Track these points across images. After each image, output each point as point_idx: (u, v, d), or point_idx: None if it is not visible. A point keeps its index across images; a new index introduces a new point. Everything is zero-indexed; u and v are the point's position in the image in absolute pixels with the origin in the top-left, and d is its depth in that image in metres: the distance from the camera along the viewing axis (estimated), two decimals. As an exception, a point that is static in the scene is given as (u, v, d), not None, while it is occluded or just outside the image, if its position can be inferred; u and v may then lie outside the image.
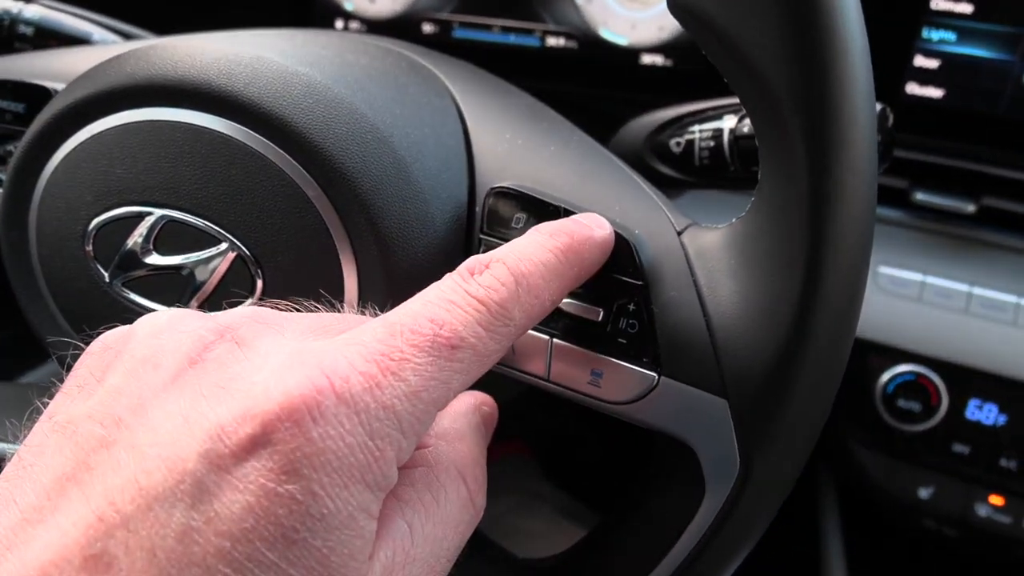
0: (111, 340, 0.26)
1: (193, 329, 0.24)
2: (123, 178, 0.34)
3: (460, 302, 0.26)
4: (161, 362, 0.23)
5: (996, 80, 0.55)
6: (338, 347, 0.23)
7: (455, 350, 0.24)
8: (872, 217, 0.29)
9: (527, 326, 0.28)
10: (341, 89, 0.33)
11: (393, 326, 0.24)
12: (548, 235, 0.30)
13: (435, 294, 0.26)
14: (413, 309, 0.25)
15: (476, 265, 0.27)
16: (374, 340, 0.23)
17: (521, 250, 0.28)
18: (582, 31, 0.65)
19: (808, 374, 0.29)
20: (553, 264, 0.29)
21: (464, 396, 0.31)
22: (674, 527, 0.33)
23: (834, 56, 0.26)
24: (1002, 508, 0.62)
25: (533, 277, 0.28)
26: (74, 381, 0.25)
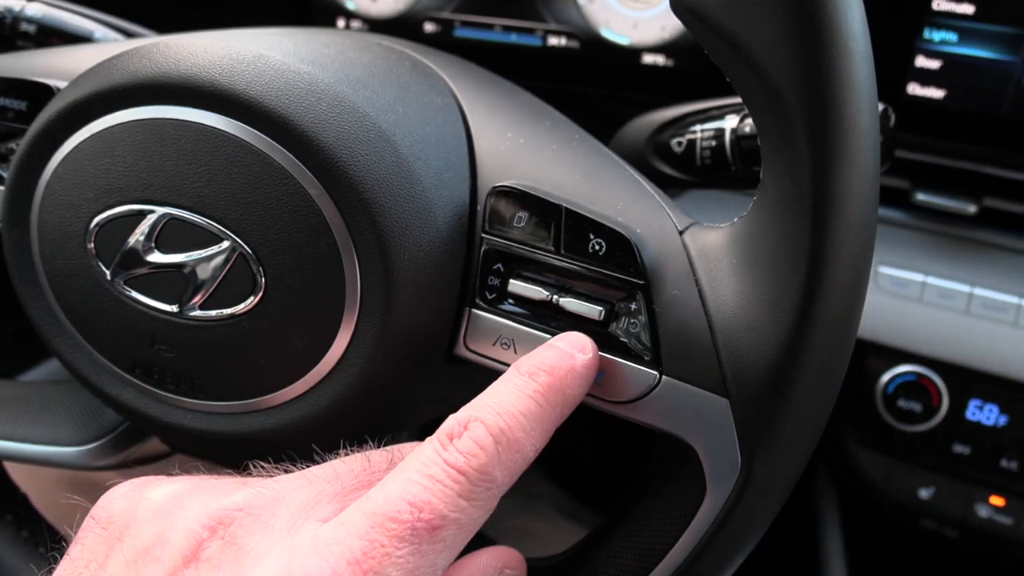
0: (116, 511, 0.27)
1: (191, 520, 0.26)
2: (125, 176, 0.34)
3: (439, 476, 0.26)
4: (159, 556, 0.25)
5: (997, 81, 0.55)
6: (321, 550, 0.24)
7: (437, 531, 0.25)
8: (874, 217, 0.29)
9: (510, 482, 0.27)
10: (343, 87, 0.33)
11: (373, 518, 0.25)
12: (527, 376, 0.29)
13: (415, 468, 0.26)
14: (392, 492, 0.25)
15: (455, 427, 0.27)
16: (355, 537, 0.24)
17: (499, 402, 0.28)
18: (583, 30, 0.65)
19: (810, 373, 0.29)
20: (534, 411, 0.28)
21: (485, 558, 0.30)
22: (675, 527, 0.33)
23: (837, 56, 0.26)
24: (1003, 509, 0.62)
25: (513, 431, 0.27)
26: (79, 556, 0.26)
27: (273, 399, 0.35)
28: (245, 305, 0.34)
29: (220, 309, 0.34)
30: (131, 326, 0.36)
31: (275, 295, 0.33)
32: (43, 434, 0.44)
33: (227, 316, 0.34)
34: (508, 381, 0.29)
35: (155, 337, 0.36)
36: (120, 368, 0.37)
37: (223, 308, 0.34)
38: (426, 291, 0.34)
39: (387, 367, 0.34)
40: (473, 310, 0.35)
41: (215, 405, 0.36)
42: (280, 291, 0.33)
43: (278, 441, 0.36)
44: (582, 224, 0.33)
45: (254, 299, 0.34)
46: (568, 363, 0.30)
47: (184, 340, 0.35)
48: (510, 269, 0.34)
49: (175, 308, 0.35)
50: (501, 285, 0.35)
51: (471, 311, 0.35)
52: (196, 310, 0.34)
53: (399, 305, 0.33)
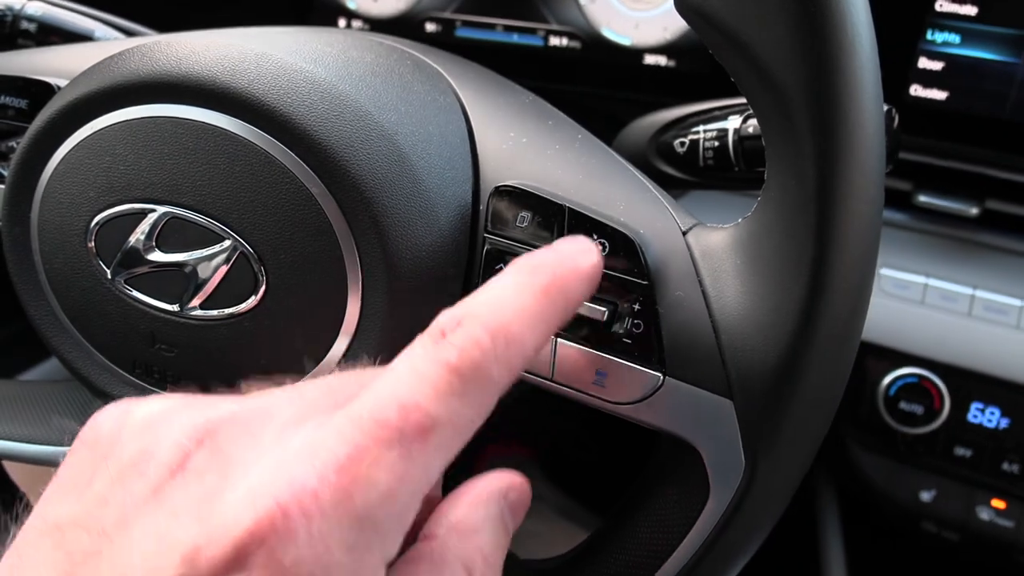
0: (103, 432, 0.26)
1: (177, 432, 0.25)
2: (126, 174, 0.34)
3: (429, 372, 0.24)
4: (145, 470, 0.24)
5: (1000, 82, 0.55)
6: (307, 457, 0.22)
7: (428, 433, 0.23)
8: (879, 218, 0.29)
9: (511, 381, 0.25)
10: (346, 86, 0.33)
11: (359, 422, 0.23)
12: (527, 273, 0.27)
13: (404, 366, 0.24)
14: (379, 393, 0.24)
15: (448, 323, 0.25)
16: (341, 443, 0.23)
17: (496, 297, 0.26)
18: (585, 31, 0.65)
19: (814, 375, 0.29)
20: (533, 308, 0.26)
21: (489, 480, 0.28)
22: (677, 529, 0.33)
23: (843, 56, 0.26)
24: (1004, 512, 0.61)
25: (512, 327, 0.25)
26: (65, 476, 0.26)
27: (274, 399, 0.35)
28: (246, 304, 0.34)
29: (221, 308, 0.34)
30: (132, 325, 0.36)
31: (276, 294, 0.33)
32: (42, 434, 0.44)
33: (228, 315, 0.34)
34: (505, 277, 0.27)
35: (155, 336, 0.35)
36: (120, 367, 0.37)
37: (224, 307, 0.34)
38: (428, 290, 0.33)
39: (389, 367, 0.34)
40: (475, 310, 0.35)
41: (216, 405, 0.36)
42: (281, 290, 0.33)
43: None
44: (585, 224, 0.33)
45: (255, 298, 0.33)
46: (570, 263, 0.28)
47: (185, 339, 0.35)
48: (513, 269, 0.34)
49: (176, 307, 0.34)
50: (504, 285, 0.34)
51: (473, 311, 0.35)
52: (197, 309, 0.34)
53: (400, 304, 0.33)
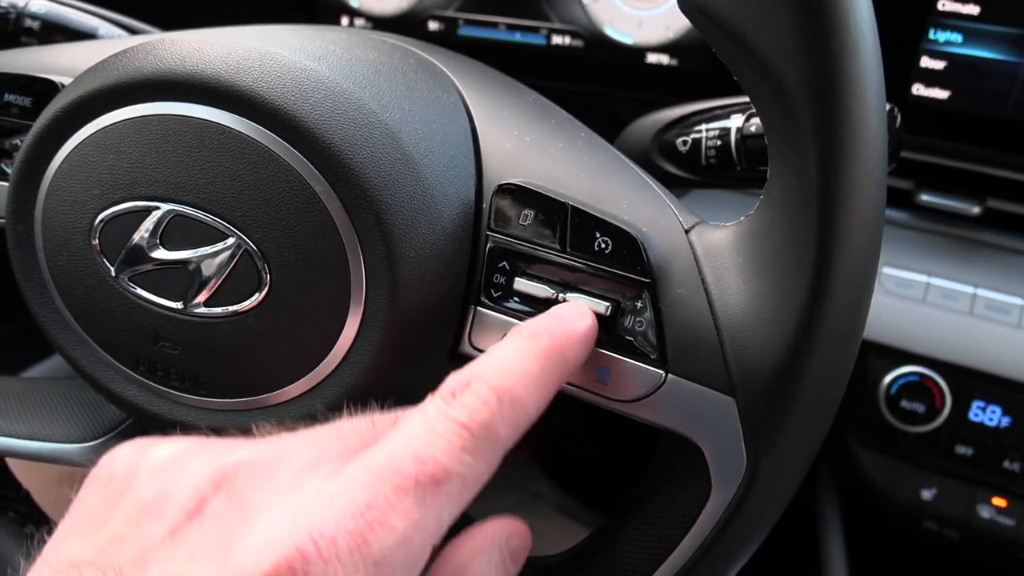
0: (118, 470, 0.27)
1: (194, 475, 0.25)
2: (130, 172, 0.34)
3: (442, 430, 0.25)
4: (162, 511, 0.24)
5: (1003, 82, 0.55)
6: (325, 503, 0.24)
7: (441, 484, 0.24)
8: (881, 216, 0.29)
9: (514, 439, 0.27)
10: (349, 84, 0.33)
11: (376, 470, 0.24)
12: (528, 339, 0.29)
13: (418, 425, 0.26)
14: (395, 447, 0.25)
15: (458, 384, 0.27)
16: (358, 490, 0.24)
17: (501, 362, 0.28)
18: (588, 29, 0.65)
19: (816, 372, 0.29)
20: (535, 373, 0.28)
21: (490, 528, 0.30)
22: (679, 526, 0.33)
23: (846, 54, 0.26)
24: (1005, 510, 0.62)
25: (515, 390, 0.27)
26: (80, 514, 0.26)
27: (277, 396, 0.35)
28: (250, 302, 0.34)
29: (225, 306, 0.34)
30: (135, 323, 0.36)
31: (280, 292, 0.33)
32: (46, 431, 0.44)
33: (232, 313, 0.34)
34: (507, 343, 0.29)
35: (159, 334, 0.36)
36: (124, 365, 0.37)
37: (228, 305, 0.34)
38: (431, 288, 0.33)
39: (391, 365, 0.34)
40: (478, 308, 0.35)
41: (219, 402, 0.36)
42: (285, 288, 0.33)
43: (282, 438, 0.36)
44: (588, 222, 0.33)
45: (259, 296, 0.34)
46: (568, 328, 0.30)
47: (188, 337, 0.35)
48: (516, 267, 0.34)
49: (180, 305, 0.35)
50: (507, 283, 0.35)
51: (476, 309, 0.35)
52: (201, 307, 0.34)
53: (404, 302, 0.33)
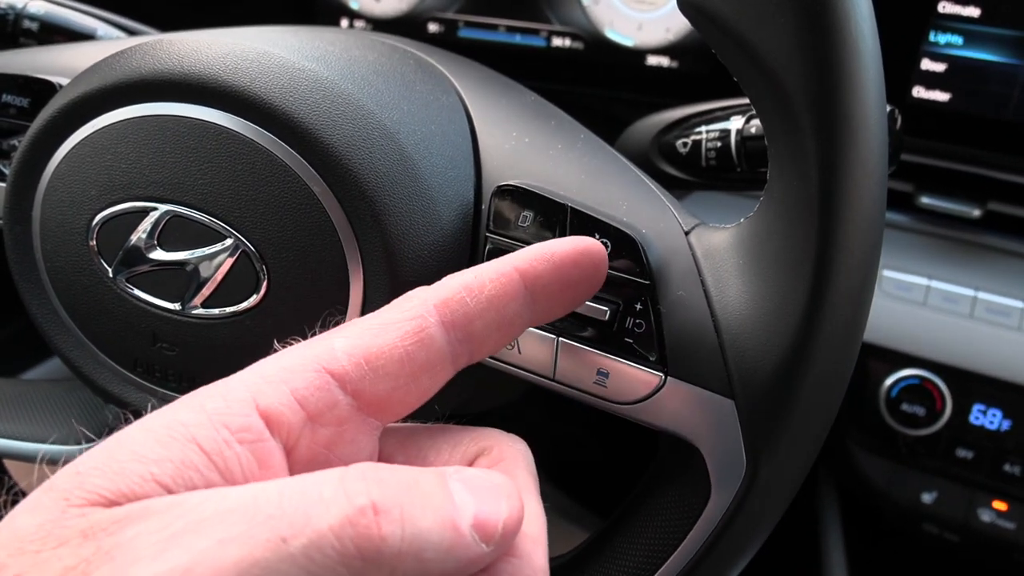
0: None
1: None
2: (128, 173, 0.34)
3: None
4: None
5: (1003, 84, 0.55)
6: None
7: None
8: (882, 218, 0.29)
9: None
10: (348, 85, 0.33)
11: None
12: None
13: None
14: None
15: None
16: None
17: None
18: (588, 32, 0.65)
19: (816, 375, 0.29)
20: None
21: None
22: (679, 528, 0.33)
23: (846, 55, 0.26)
24: (1005, 514, 0.61)
25: None
26: None
27: (275, 398, 0.35)
28: (248, 303, 0.34)
29: (222, 307, 0.34)
30: (133, 324, 0.36)
31: (278, 293, 0.33)
32: (44, 433, 0.44)
33: (229, 314, 0.34)
34: None
35: (157, 335, 0.35)
36: (121, 366, 0.37)
37: (225, 306, 0.34)
38: None
39: (390, 367, 0.34)
40: (477, 310, 0.35)
41: (217, 404, 0.36)
42: (283, 289, 0.33)
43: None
44: (587, 224, 0.33)
45: (257, 297, 0.33)
46: None
47: (186, 338, 0.35)
48: (514, 269, 0.34)
49: (177, 306, 0.34)
50: (505, 285, 0.34)
51: (475, 311, 0.35)
52: (198, 308, 0.34)
53: None
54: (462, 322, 0.26)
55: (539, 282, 0.27)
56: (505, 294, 0.27)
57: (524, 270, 0.27)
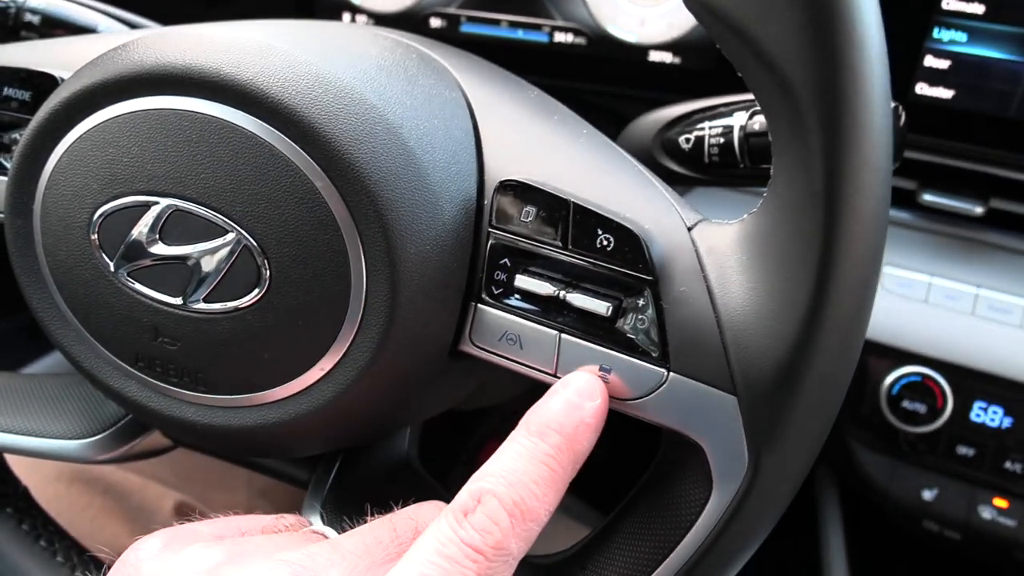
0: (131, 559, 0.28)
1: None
2: (129, 167, 0.34)
3: (456, 556, 0.26)
4: None
5: (1007, 81, 0.55)
6: None
7: None
8: (886, 216, 0.29)
9: (526, 549, 0.28)
10: (351, 80, 0.33)
11: None
12: (537, 438, 0.29)
13: (432, 547, 0.26)
14: (408, 570, 0.25)
15: (468, 502, 0.27)
16: None
17: (511, 470, 0.28)
18: (590, 27, 0.64)
19: (819, 371, 0.29)
20: (547, 476, 0.28)
21: None
22: (681, 524, 0.33)
23: (851, 51, 0.26)
24: (1006, 511, 0.61)
25: (527, 502, 0.27)
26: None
27: (277, 393, 0.35)
28: (249, 298, 0.34)
29: (224, 302, 0.34)
30: (134, 318, 0.36)
31: (280, 288, 0.33)
32: (45, 427, 0.44)
33: (231, 309, 0.34)
34: (518, 444, 0.29)
35: (158, 330, 0.35)
36: (123, 361, 0.37)
37: (227, 301, 0.34)
38: (432, 285, 0.33)
39: (391, 362, 0.34)
40: (479, 305, 0.35)
41: (218, 399, 0.36)
42: (285, 284, 0.33)
43: (281, 435, 0.36)
44: (590, 219, 0.33)
45: (259, 292, 0.33)
46: (578, 416, 0.30)
47: (187, 333, 0.35)
48: (517, 264, 0.34)
49: (179, 300, 0.34)
50: (508, 280, 0.34)
51: (477, 306, 0.35)
52: (200, 303, 0.34)
53: (404, 299, 0.33)
54: None
55: None
56: None
57: None
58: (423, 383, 0.37)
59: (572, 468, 0.30)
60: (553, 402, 0.31)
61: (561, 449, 0.29)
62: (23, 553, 0.47)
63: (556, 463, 0.29)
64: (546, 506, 0.28)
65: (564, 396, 0.31)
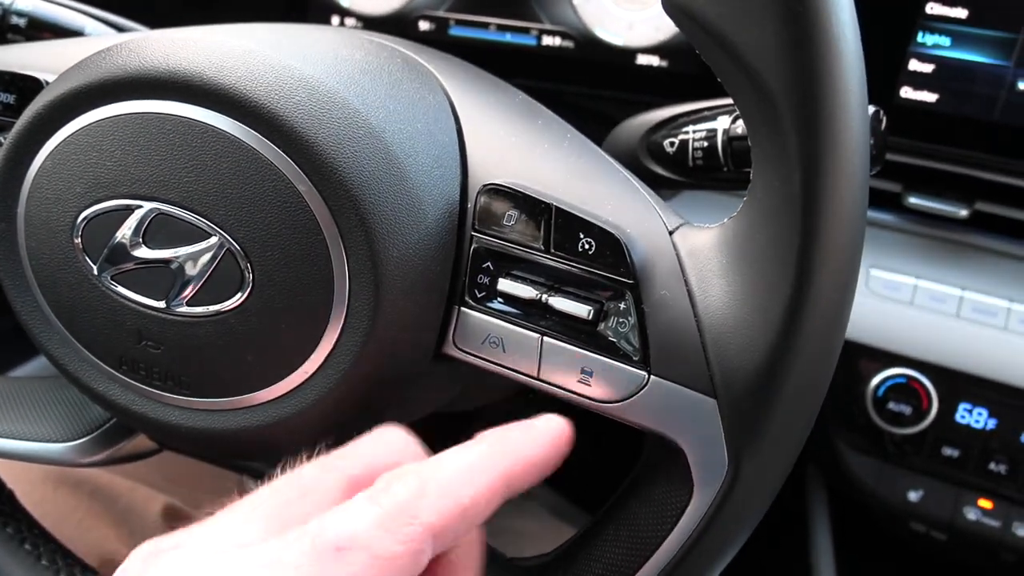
0: None
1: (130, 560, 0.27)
2: (113, 170, 0.34)
3: (356, 503, 0.26)
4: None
5: (990, 85, 0.56)
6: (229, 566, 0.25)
7: (341, 552, 0.24)
8: (863, 218, 0.29)
9: (446, 528, 0.26)
10: (334, 83, 0.33)
11: (282, 535, 0.25)
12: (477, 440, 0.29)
13: (342, 505, 0.26)
14: (307, 512, 0.26)
15: (389, 477, 0.27)
16: (261, 552, 0.25)
17: (438, 456, 0.28)
18: (578, 31, 0.65)
19: (798, 374, 0.29)
20: (473, 462, 0.28)
21: None
22: (662, 526, 0.33)
23: (827, 57, 0.26)
24: (991, 512, 0.62)
25: (445, 476, 0.27)
26: None
27: (260, 396, 0.35)
28: (233, 302, 0.34)
29: (207, 305, 0.34)
30: (118, 322, 0.36)
31: (263, 292, 0.33)
32: (29, 430, 0.44)
33: (214, 312, 0.34)
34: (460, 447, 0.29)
35: (142, 333, 0.35)
36: (106, 364, 0.37)
37: (210, 304, 0.34)
38: (414, 289, 0.33)
39: (374, 365, 0.34)
40: (462, 308, 0.35)
41: (202, 402, 0.36)
42: (268, 288, 0.33)
43: (265, 438, 0.36)
44: (572, 223, 0.33)
45: (242, 296, 0.33)
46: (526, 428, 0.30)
47: (171, 336, 0.35)
48: (500, 268, 0.34)
49: (162, 304, 0.34)
50: (491, 283, 0.34)
51: (460, 309, 0.35)
52: (183, 306, 0.34)
53: (387, 303, 0.33)
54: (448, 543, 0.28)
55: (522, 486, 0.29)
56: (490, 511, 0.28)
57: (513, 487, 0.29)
58: (407, 386, 0.37)
59: (511, 466, 0.29)
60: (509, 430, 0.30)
61: (498, 445, 0.29)
62: (8, 556, 0.47)
63: (490, 454, 0.28)
64: (470, 489, 0.27)
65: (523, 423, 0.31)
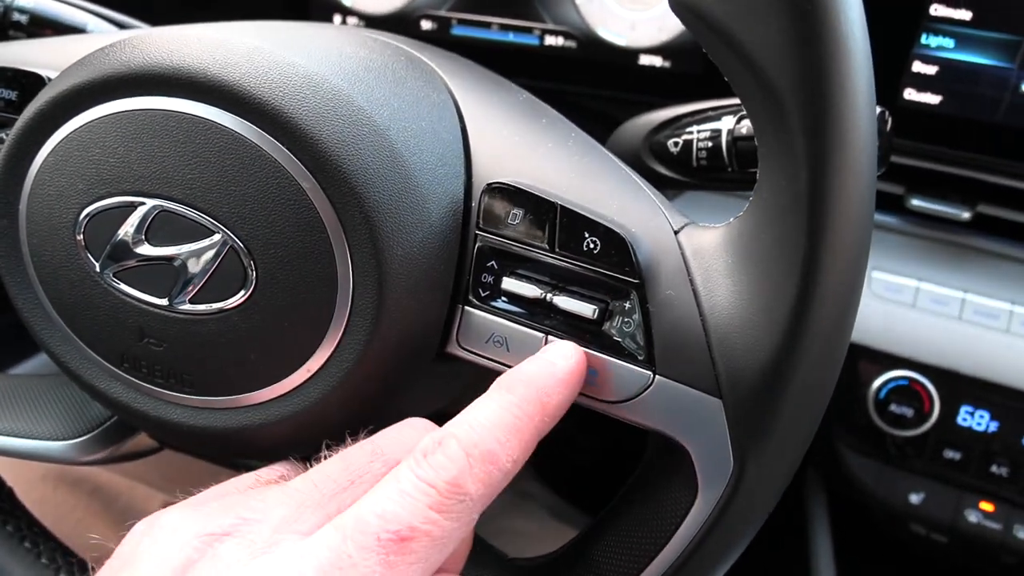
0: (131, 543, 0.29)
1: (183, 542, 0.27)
2: (115, 167, 0.34)
3: (409, 489, 0.26)
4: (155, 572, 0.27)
5: (994, 87, 0.55)
6: (294, 561, 0.25)
7: (405, 542, 0.25)
8: (870, 219, 0.29)
9: (487, 495, 0.28)
10: (338, 81, 0.33)
11: (343, 530, 0.26)
12: (506, 390, 0.30)
13: (390, 485, 0.27)
14: (364, 506, 0.26)
15: (430, 445, 0.28)
16: (324, 548, 0.25)
17: (474, 417, 0.29)
18: (581, 30, 0.65)
19: (804, 374, 0.29)
20: (509, 423, 0.29)
21: None
22: (666, 527, 0.33)
23: (836, 56, 0.26)
24: (992, 514, 0.62)
25: (485, 443, 0.28)
26: None
27: (262, 395, 0.35)
28: (236, 299, 0.33)
29: (210, 303, 0.34)
30: (120, 319, 0.35)
31: (266, 290, 0.33)
32: (30, 428, 0.44)
33: (217, 310, 0.34)
34: (486, 397, 0.30)
35: (144, 331, 0.35)
36: (108, 362, 0.37)
37: (213, 302, 0.34)
38: (418, 287, 0.33)
39: (378, 364, 0.34)
40: (466, 307, 0.35)
41: (204, 400, 0.36)
42: (271, 286, 0.33)
43: (267, 437, 0.36)
44: (577, 222, 0.33)
45: (245, 293, 0.33)
46: (548, 371, 0.31)
47: (173, 334, 0.35)
48: (504, 267, 0.34)
49: (165, 301, 0.34)
50: (495, 282, 0.34)
51: (464, 308, 0.35)
52: (186, 304, 0.34)
53: (391, 301, 0.33)
54: None
55: None
56: None
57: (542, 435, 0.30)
58: (410, 385, 0.37)
59: (540, 420, 0.30)
60: (527, 362, 0.31)
61: (528, 399, 0.29)
62: (7, 554, 0.46)
63: (521, 411, 0.29)
64: (508, 452, 0.28)
65: (538, 356, 0.32)
